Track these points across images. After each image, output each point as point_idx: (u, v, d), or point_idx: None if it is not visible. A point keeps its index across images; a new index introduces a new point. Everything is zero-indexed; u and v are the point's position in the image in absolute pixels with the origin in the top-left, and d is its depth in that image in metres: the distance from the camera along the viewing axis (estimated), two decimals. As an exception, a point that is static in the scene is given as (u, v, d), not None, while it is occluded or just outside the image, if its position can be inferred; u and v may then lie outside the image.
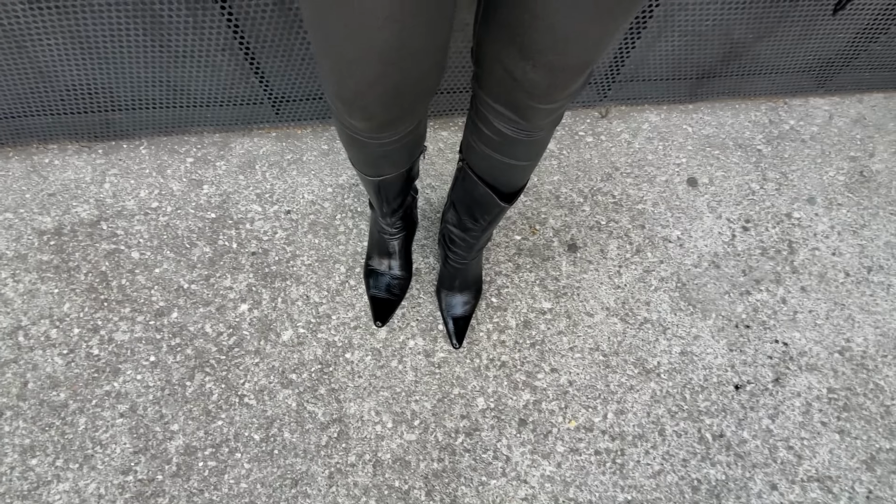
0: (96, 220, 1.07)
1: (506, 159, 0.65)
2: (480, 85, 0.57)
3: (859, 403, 1.02)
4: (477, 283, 1.00)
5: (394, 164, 0.68)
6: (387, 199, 0.79)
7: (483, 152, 0.66)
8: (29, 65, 0.95)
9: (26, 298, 1.01)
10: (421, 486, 0.90)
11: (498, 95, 0.55)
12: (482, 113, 0.60)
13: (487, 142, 0.63)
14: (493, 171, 0.69)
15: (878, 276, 1.13)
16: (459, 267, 0.95)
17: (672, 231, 1.14)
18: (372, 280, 0.99)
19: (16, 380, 0.95)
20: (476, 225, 0.81)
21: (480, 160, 0.68)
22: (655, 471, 0.94)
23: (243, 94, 1.08)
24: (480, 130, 0.63)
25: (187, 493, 0.89)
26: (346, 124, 0.56)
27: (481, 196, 0.73)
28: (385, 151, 0.62)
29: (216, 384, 0.95)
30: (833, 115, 1.28)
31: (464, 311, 0.98)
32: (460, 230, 0.86)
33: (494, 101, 0.56)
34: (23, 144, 1.13)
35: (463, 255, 0.92)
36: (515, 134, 0.59)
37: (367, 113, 0.51)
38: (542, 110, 0.54)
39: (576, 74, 0.49)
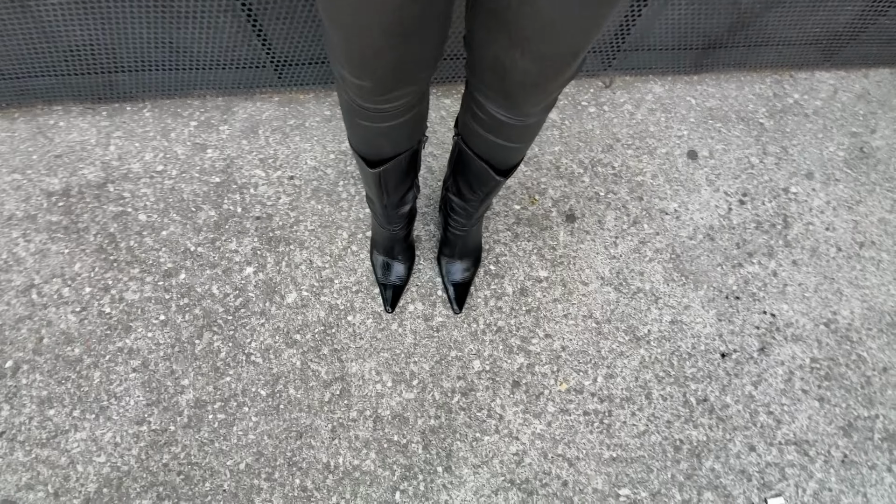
0: (103, 182, 1.09)
1: (500, 141, 0.66)
2: (472, 72, 0.58)
3: (841, 373, 1.07)
4: (477, 250, 1.03)
5: (394, 143, 0.68)
6: (387, 190, 0.79)
7: (477, 132, 0.67)
8: (33, 25, 0.95)
9: (38, 258, 1.04)
10: (418, 441, 0.96)
11: (490, 83, 0.56)
12: (476, 98, 0.61)
13: (481, 124, 0.64)
14: (487, 150, 0.70)
15: (869, 252, 1.15)
16: (460, 234, 0.97)
17: (669, 203, 1.15)
18: (380, 269, 1.02)
19: (31, 335, 0.99)
20: (474, 196, 0.83)
21: (475, 138, 0.69)
22: (640, 431, 0.99)
23: (246, 57, 1.08)
24: (475, 113, 0.63)
25: (198, 443, 0.94)
26: (354, 92, 0.57)
27: (478, 170, 0.74)
28: (387, 129, 0.63)
29: (224, 342, 1.00)
30: (838, 90, 1.28)
31: (463, 277, 1.01)
32: (460, 199, 0.87)
33: (487, 87, 0.57)
34: (28, 105, 1.14)
35: (463, 222, 0.94)
36: (508, 119, 0.60)
37: (375, 78, 0.52)
38: (533, 98, 0.55)
39: (566, 63, 0.49)
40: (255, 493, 0.92)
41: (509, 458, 0.96)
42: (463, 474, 0.94)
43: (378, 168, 0.71)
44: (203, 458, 0.94)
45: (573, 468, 0.96)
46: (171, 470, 0.93)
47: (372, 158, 0.71)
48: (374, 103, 0.58)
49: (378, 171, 0.72)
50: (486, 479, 0.95)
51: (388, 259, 1.00)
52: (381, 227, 0.95)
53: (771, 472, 1.00)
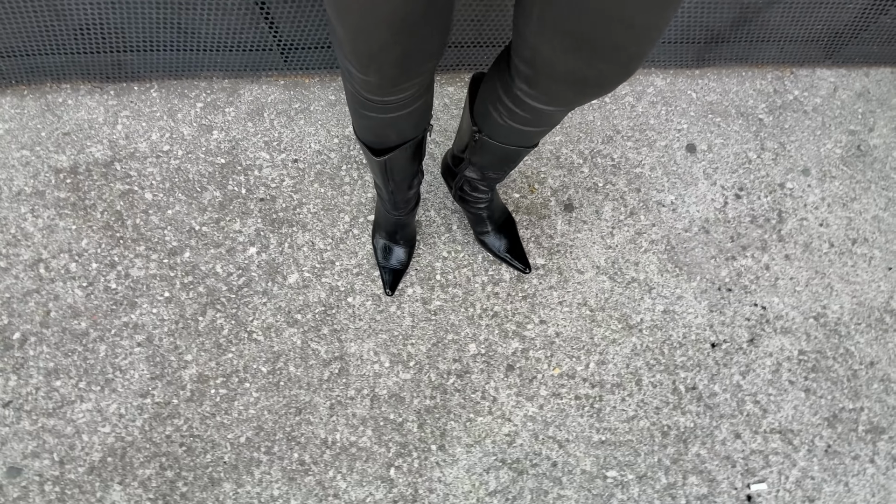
0: (110, 160, 1.11)
1: (534, 129, 0.65)
2: (532, 85, 0.55)
3: (828, 366, 1.09)
4: (505, 212, 1.05)
5: (400, 133, 0.69)
6: (392, 177, 0.80)
7: (511, 127, 0.65)
8: (44, 2, 0.96)
9: (46, 233, 1.06)
10: (414, 420, 0.98)
11: (555, 92, 0.54)
12: (519, 98, 0.59)
13: (521, 121, 0.63)
14: (520, 138, 0.69)
15: (861, 249, 1.17)
16: (485, 207, 0.98)
17: (667, 196, 1.17)
18: (381, 253, 1.04)
19: (38, 308, 1.02)
20: (502, 172, 0.83)
21: (507, 132, 0.68)
22: (630, 416, 1.02)
23: (252, 40, 1.09)
24: (512, 111, 0.62)
25: (200, 416, 0.97)
26: (360, 85, 0.57)
27: (508, 153, 0.74)
28: (392, 119, 0.64)
29: (226, 320, 1.02)
30: (838, 88, 1.29)
31: (511, 241, 1.04)
32: (484, 181, 0.87)
33: (550, 97, 0.55)
34: (37, 83, 1.15)
35: (486, 197, 0.95)
36: (556, 111, 0.59)
37: (381, 71, 0.53)
38: (597, 95, 0.53)
39: (646, 56, 0.48)
40: (255, 465, 0.95)
41: (501, 439, 0.99)
42: (456, 453, 0.97)
43: (383, 156, 0.72)
44: (205, 430, 0.97)
45: (563, 450, 0.99)
46: (174, 441, 0.96)
47: (377, 147, 0.73)
48: (380, 96, 0.59)
49: (383, 159, 0.73)
50: (479, 458, 0.98)
51: (390, 243, 1.02)
52: (387, 212, 0.96)
53: (755, 459, 1.02)
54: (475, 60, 1.19)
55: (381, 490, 0.95)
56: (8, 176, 1.09)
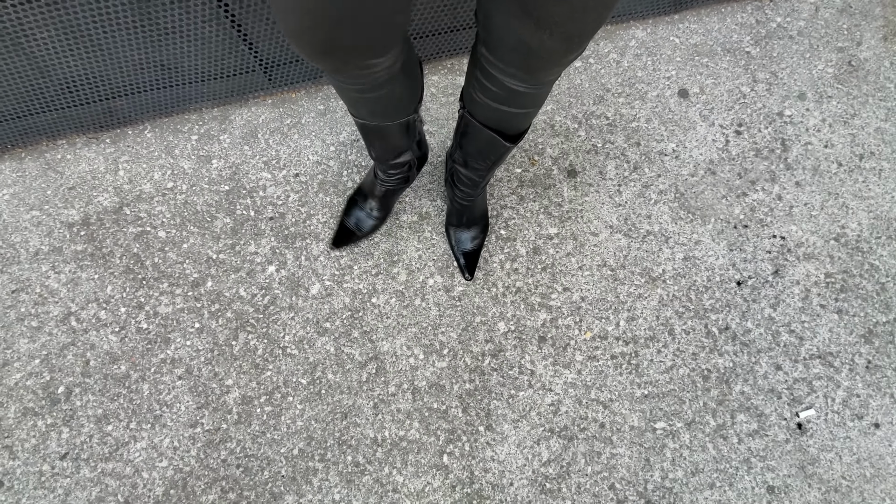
0: (119, 206, 1.13)
1: (512, 109, 0.67)
2: (490, 50, 0.58)
3: (856, 284, 1.09)
4: (483, 217, 1.06)
5: (385, 113, 0.70)
6: (373, 144, 0.82)
7: (487, 104, 0.68)
8: (27, 62, 0.97)
9: (70, 287, 1.08)
10: (457, 405, 1.00)
11: (510, 60, 0.57)
12: (488, 72, 0.61)
13: (493, 97, 0.65)
14: (498, 119, 0.71)
15: (869, 163, 1.16)
16: (466, 204, 1.00)
17: (667, 144, 1.17)
18: (350, 208, 1.06)
19: (77, 360, 1.04)
20: (482, 165, 0.85)
21: (485, 110, 0.70)
22: (668, 366, 1.03)
23: (235, 65, 1.10)
24: (486, 87, 0.64)
25: (251, 436, 0.99)
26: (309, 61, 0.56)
27: (487, 140, 0.76)
28: (373, 98, 0.64)
29: (259, 340, 1.04)
30: (819, 7, 1.27)
31: (473, 245, 1.05)
32: (467, 169, 0.90)
33: (506, 64, 0.58)
34: (33, 143, 1.17)
35: (470, 192, 0.97)
36: (524, 88, 0.61)
37: (325, 60, 0.52)
38: (555, 69, 0.56)
39: (590, 36, 0.51)
40: (312, 474, 0.97)
41: (546, 409, 1.00)
42: (504, 430, 0.99)
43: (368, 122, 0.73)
44: (258, 449, 0.99)
45: (608, 410, 1.00)
46: (230, 464, 0.98)
47: (369, 123, 0.74)
48: (342, 75, 0.58)
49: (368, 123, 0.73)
50: (527, 432, 0.99)
51: (360, 201, 1.05)
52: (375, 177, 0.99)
53: (799, 387, 1.03)
54: (454, 45, 1.19)
55: (437, 478, 0.97)
56: (23, 238, 1.11)
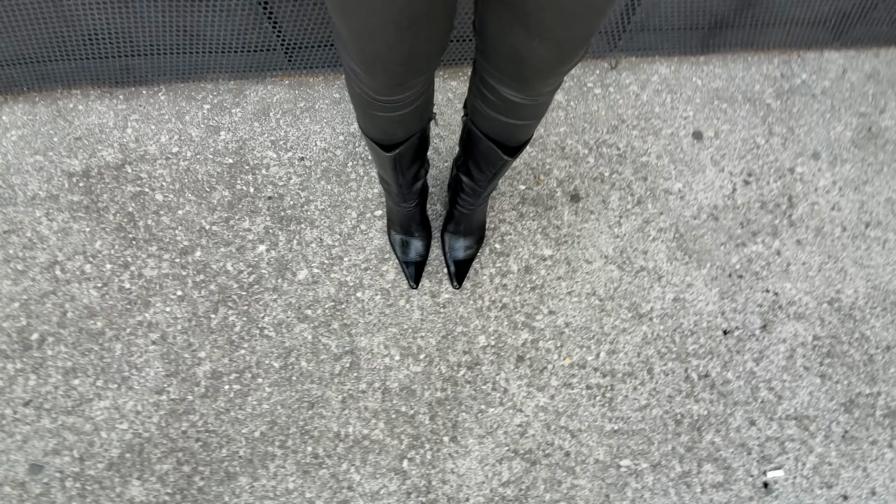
0: (121, 163, 1.13)
1: (511, 120, 0.67)
2: (486, 59, 0.59)
3: (843, 351, 1.08)
4: (480, 228, 1.05)
5: (407, 128, 0.71)
6: (402, 171, 0.82)
7: (487, 114, 0.68)
8: (54, 10, 0.98)
9: (60, 236, 1.08)
10: (425, 412, 0.99)
11: (504, 69, 0.57)
12: (487, 82, 0.62)
13: (492, 106, 0.66)
14: (497, 129, 0.71)
15: (875, 232, 1.15)
16: (466, 212, 1.00)
17: (674, 184, 1.16)
18: (399, 248, 1.04)
19: (56, 309, 1.04)
20: (482, 175, 0.85)
21: (485, 120, 0.71)
22: (642, 405, 1.01)
23: (257, 41, 1.10)
24: (485, 96, 0.65)
25: (215, 412, 0.98)
26: (367, 86, 0.58)
27: (486, 150, 0.76)
28: (399, 116, 0.65)
29: (238, 317, 1.03)
30: (847, 70, 1.27)
31: (466, 254, 1.04)
32: (469, 178, 0.89)
33: (500, 73, 0.59)
34: (48, 89, 1.18)
35: (470, 201, 0.97)
36: (521, 99, 0.62)
37: (387, 71, 0.54)
38: (549, 79, 0.57)
39: (581, 45, 0.51)
40: (270, 459, 0.96)
41: (513, 430, 0.99)
42: (468, 444, 0.98)
43: (393, 152, 0.74)
44: (220, 426, 0.98)
45: (575, 439, 0.99)
46: (190, 437, 0.98)
47: (386, 143, 0.74)
48: (386, 96, 0.60)
49: (394, 154, 0.74)
50: (491, 449, 0.98)
51: (406, 237, 1.03)
52: (397, 206, 0.97)
53: (771, 445, 1.01)
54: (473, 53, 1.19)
55: (394, 482, 0.96)
56: (22, 181, 1.11)
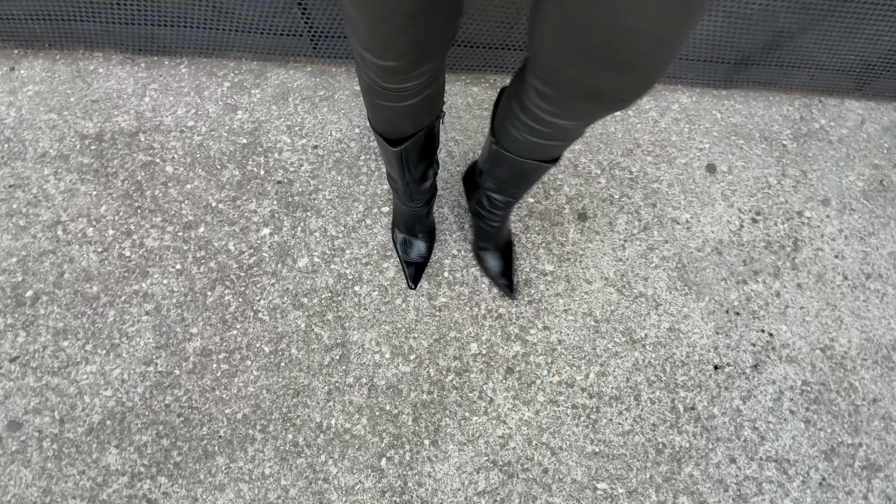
0: (135, 130, 1.13)
1: (553, 143, 0.65)
2: (549, 101, 0.54)
3: (830, 399, 1.08)
4: (508, 233, 1.05)
5: (414, 121, 0.70)
6: (408, 167, 0.81)
7: (527, 140, 0.65)
8: (84, -30, 0.98)
9: (66, 196, 1.08)
10: (409, 413, 0.99)
11: (574, 109, 0.53)
12: (538, 116, 0.58)
13: (537, 134, 0.63)
14: (535, 150, 0.69)
15: (875, 284, 1.16)
16: (497, 226, 0.98)
17: (682, 214, 1.17)
18: (401, 247, 1.04)
19: (53, 269, 1.04)
20: (520, 189, 0.84)
21: (521, 145, 0.67)
22: (625, 430, 1.01)
23: (284, 25, 1.10)
24: (530, 126, 0.61)
25: (200, 389, 0.98)
26: (375, 73, 0.58)
27: (526, 168, 0.73)
28: (407, 108, 0.65)
29: (234, 297, 1.03)
30: (865, 120, 1.27)
31: (506, 265, 1.04)
32: (502, 195, 0.87)
33: (566, 110, 0.54)
34: (70, 49, 1.18)
35: (503, 214, 0.95)
36: (574, 127, 0.59)
37: (398, 55, 0.54)
38: (619, 108, 0.52)
39: (662, 69, 0.46)
40: (249, 442, 0.96)
41: (495, 440, 0.99)
42: (448, 450, 0.98)
43: (399, 146, 0.73)
44: (203, 403, 0.98)
45: (555, 457, 0.99)
46: (172, 411, 0.97)
47: (393, 137, 0.74)
48: (395, 83, 0.59)
49: (400, 149, 0.74)
50: (470, 457, 0.98)
51: (410, 237, 1.03)
52: (403, 205, 0.97)
53: (748, 485, 1.02)
54: (502, 63, 1.19)
55: (370, 479, 0.96)
56: (34, 137, 1.11)
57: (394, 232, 1.06)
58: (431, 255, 1.07)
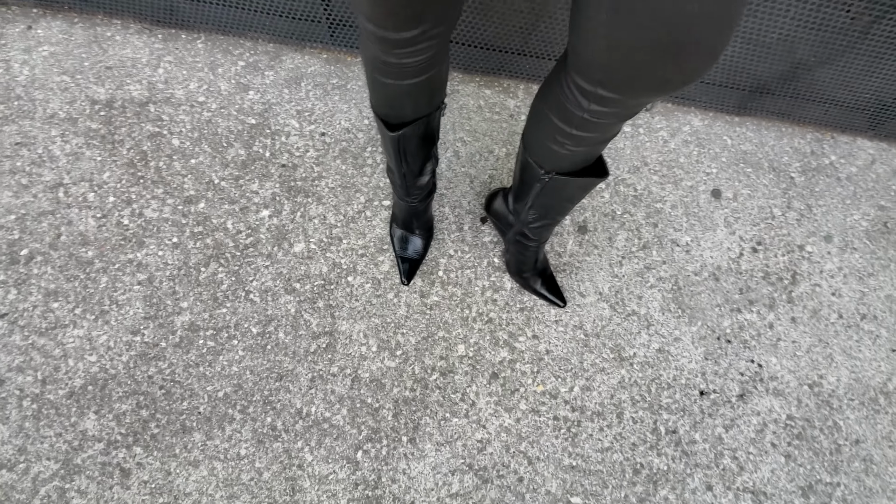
0: (146, 101, 1.13)
1: (599, 144, 0.64)
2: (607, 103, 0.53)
3: (813, 436, 1.07)
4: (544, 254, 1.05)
5: (415, 105, 0.69)
6: (405, 158, 0.80)
7: (575, 152, 0.65)
8: (110, -64, 0.98)
9: (71, 159, 1.08)
10: (390, 408, 0.99)
11: (637, 103, 0.53)
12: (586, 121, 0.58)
13: (587, 142, 0.62)
14: (583, 157, 0.68)
15: (869, 325, 1.15)
16: (536, 248, 0.98)
17: (683, 236, 1.16)
18: (398, 242, 1.04)
19: (50, 230, 1.04)
20: (570, 204, 0.81)
21: (566, 159, 0.67)
22: (605, 447, 1.01)
23: (303, 10, 1.10)
24: (579, 137, 0.61)
25: (184, 364, 0.98)
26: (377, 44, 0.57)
27: (581, 184, 0.73)
28: (409, 87, 0.64)
29: (227, 276, 1.03)
30: (876, 161, 1.27)
31: (549, 279, 1.05)
32: (546, 220, 0.86)
33: (625, 108, 0.54)
34: (89, 13, 1.18)
35: (547, 234, 0.94)
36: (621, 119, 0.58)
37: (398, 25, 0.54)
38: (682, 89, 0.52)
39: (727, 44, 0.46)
40: (228, 421, 0.96)
41: (472, 444, 0.99)
42: (425, 449, 0.97)
43: (398, 131, 0.72)
44: (186, 378, 0.98)
45: (532, 467, 0.99)
46: (155, 383, 0.97)
47: (393, 121, 0.73)
48: (397, 57, 0.59)
49: (397, 134, 0.73)
50: (446, 459, 0.97)
51: (406, 232, 1.03)
52: (401, 200, 0.97)
53: (722, 514, 1.01)
54: (517, 68, 1.19)
55: (345, 470, 0.95)
56: (45, 97, 1.11)
57: (392, 227, 1.05)
58: (427, 252, 1.06)
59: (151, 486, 0.93)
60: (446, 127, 1.18)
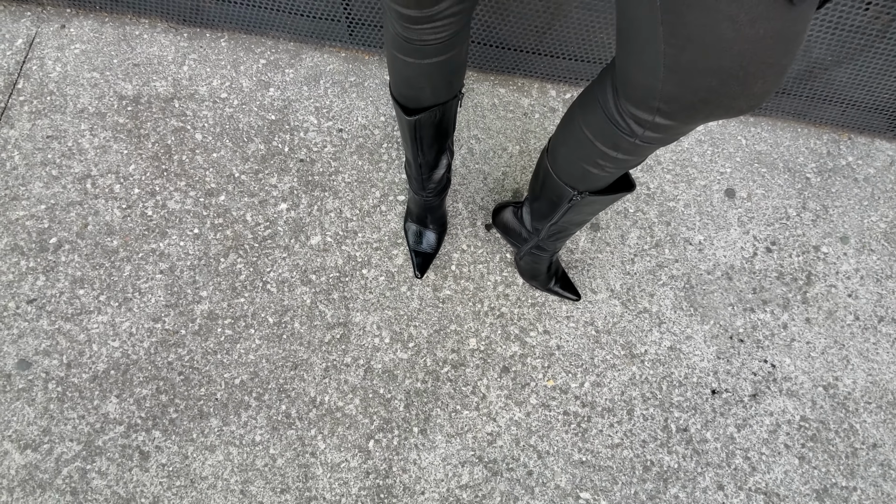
0: (171, 97, 1.17)
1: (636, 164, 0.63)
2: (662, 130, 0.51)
3: (828, 438, 1.06)
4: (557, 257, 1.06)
5: (434, 89, 0.70)
6: (422, 147, 0.81)
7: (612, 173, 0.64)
8: (141, -62, 1.02)
9: (99, 152, 1.13)
10: (402, 399, 1.00)
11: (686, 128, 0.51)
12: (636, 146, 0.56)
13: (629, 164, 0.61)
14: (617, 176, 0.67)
15: (887, 328, 1.13)
16: (551, 256, 0.98)
17: (696, 235, 1.16)
18: (412, 237, 1.06)
19: (78, 219, 1.08)
20: (592, 216, 0.81)
21: (602, 179, 0.66)
22: (615, 443, 1.01)
23: (323, 9, 1.13)
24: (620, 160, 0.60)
25: (203, 351, 1.01)
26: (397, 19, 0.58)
27: (611, 199, 0.73)
28: (429, 67, 0.65)
29: (246, 266, 1.06)
30: (894, 162, 1.25)
31: (563, 276, 1.06)
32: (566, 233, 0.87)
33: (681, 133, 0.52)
34: (118, 13, 1.23)
35: (561, 245, 0.94)
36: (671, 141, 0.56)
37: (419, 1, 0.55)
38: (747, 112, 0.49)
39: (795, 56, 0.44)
40: (244, 408, 0.98)
41: (483, 437, 0.99)
42: (436, 440, 0.99)
43: (415, 116, 0.73)
44: (204, 365, 1.00)
45: (541, 461, 0.99)
46: (174, 369, 1.00)
47: (411, 105, 0.74)
48: (418, 34, 0.60)
49: (415, 119, 0.74)
50: (457, 450, 0.98)
51: (420, 227, 1.05)
52: (416, 194, 0.99)
53: (734, 514, 1.00)
54: (532, 67, 1.21)
55: (356, 458, 0.97)
56: (76, 93, 1.16)
57: (406, 221, 1.07)
58: (441, 247, 1.08)
59: (169, 469, 0.95)
60: (461, 124, 1.19)
